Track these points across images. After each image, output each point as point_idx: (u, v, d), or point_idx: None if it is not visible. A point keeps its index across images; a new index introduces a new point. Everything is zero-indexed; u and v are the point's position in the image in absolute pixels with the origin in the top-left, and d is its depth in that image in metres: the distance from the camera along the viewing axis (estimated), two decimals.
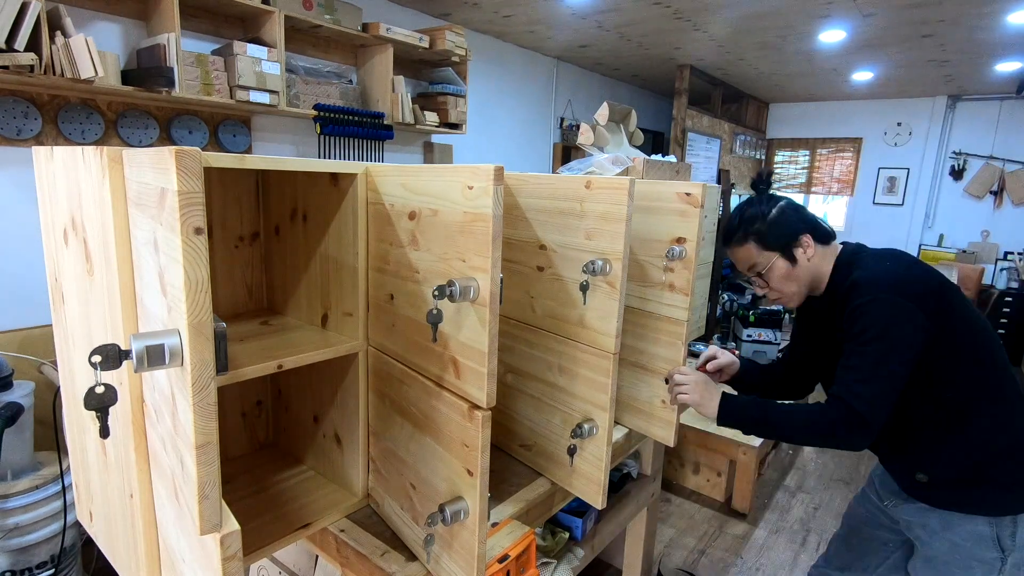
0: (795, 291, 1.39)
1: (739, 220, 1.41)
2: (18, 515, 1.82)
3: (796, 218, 1.36)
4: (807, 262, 1.36)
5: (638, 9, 3.60)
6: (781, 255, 1.36)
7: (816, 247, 1.36)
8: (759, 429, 1.30)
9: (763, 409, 1.29)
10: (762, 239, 1.36)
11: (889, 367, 1.18)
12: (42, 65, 2.01)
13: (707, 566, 2.57)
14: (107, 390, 0.69)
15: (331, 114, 3.11)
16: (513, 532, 1.19)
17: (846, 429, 1.18)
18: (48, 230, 1.08)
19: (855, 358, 1.21)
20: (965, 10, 3.31)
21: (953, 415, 1.24)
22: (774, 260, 1.37)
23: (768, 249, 1.36)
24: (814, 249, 1.36)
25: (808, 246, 1.35)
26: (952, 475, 1.27)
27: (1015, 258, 5.81)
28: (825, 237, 1.38)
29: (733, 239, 1.41)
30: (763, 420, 1.27)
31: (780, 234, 1.36)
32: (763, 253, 1.37)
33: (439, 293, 0.85)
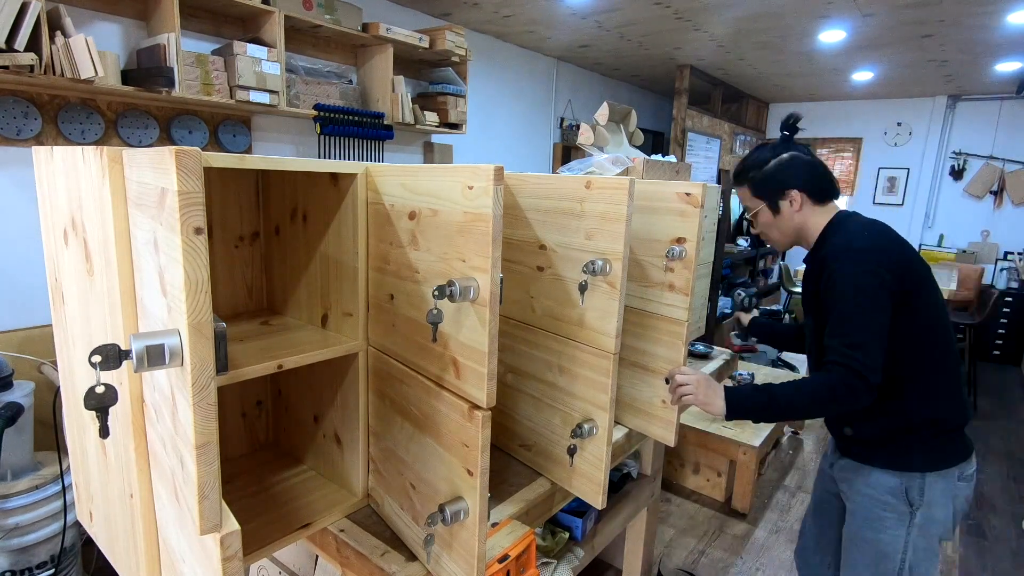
0: (778, 238, 1.50)
1: (743, 163, 1.51)
2: (18, 515, 1.82)
3: (792, 172, 1.42)
4: (792, 215, 1.44)
5: (638, 9, 3.60)
6: (767, 205, 1.46)
7: (807, 204, 1.42)
8: (768, 414, 1.31)
9: (767, 392, 1.30)
10: (754, 186, 1.47)
11: (871, 321, 1.25)
12: (42, 65, 2.01)
13: (707, 566, 2.57)
14: (107, 390, 0.69)
15: (331, 114, 3.11)
16: (513, 532, 1.19)
17: (847, 389, 1.23)
18: (48, 230, 1.08)
19: (839, 323, 1.27)
20: (965, 10, 3.31)
21: (890, 385, 1.30)
22: (760, 207, 1.48)
23: (757, 196, 1.47)
24: (801, 205, 1.42)
25: (795, 200, 1.42)
26: (874, 434, 1.38)
27: (1015, 258, 5.81)
28: (823, 191, 1.43)
29: (736, 180, 1.52)
30: (770, 403, 1.29)
31: (771, 185, 1.44)
32: (752, 199, 1.49)
33: (439, 293, 0.85)
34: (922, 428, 1.34)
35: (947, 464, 1.34)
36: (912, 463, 1.34)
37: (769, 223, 1.48)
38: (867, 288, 1.26)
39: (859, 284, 1.27)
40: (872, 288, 1.26)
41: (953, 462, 1.35)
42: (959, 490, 1.35)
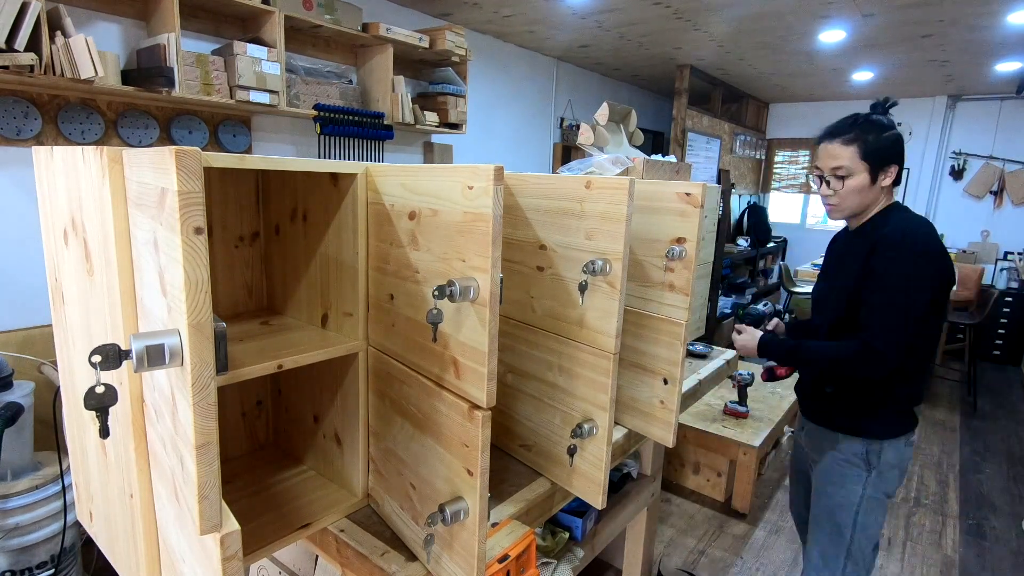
0: (854, 205, 1.51)
1: (857, 121, 1.49)
2: (18, 515, 1.82)
3: (900, 149, 1.49)
4: (879, 188, 1.49)
5: (638, 9, 3.60)
6: (869, 170, 1.47)
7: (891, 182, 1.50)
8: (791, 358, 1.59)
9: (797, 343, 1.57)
10: (867, 149, 1.46)
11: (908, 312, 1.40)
12: (42, 65, 2.01)
13: (707, 566, 2.57)
14: (107, 390, 0.69)
15: (331, 114, 3.11)
16: (513, 532, 1.19)
17: (866, 362, 1.42)
18: (48, 230, 1.08)
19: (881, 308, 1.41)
20: (965, 10, 3.31)
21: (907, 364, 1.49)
22: (862, 170, 1.47)
23: (864, 159, 1.46)
24: (891, 180, 1.49)
25: (891, 176, 1.48)
26: (850, 396, 1.57)
27: (1015, 258, 5.81)
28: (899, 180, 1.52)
29: (841, 135, 1.49)
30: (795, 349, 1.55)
31: (884, 154, 1.46)
32: (857, 161, 1.47)
33: (439, 293, 0.85)
34: (892, 402, 1.53)
35: (902, 433, 1.55)
36: (876, 432, 1.55)
37: (859, 188, 1.48)
38: (913, 291, 1.40)
39: (909, 285, 1.40)
40: (918, 291, 1.40)
41: (905, 431, 1.56)
42: (905, 454, 1.58)
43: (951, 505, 3.14)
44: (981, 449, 3.81)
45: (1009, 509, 3.12)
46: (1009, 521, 3.00)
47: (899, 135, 1.49)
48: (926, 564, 2.63)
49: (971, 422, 4.25)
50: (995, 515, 3.05)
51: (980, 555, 2.71)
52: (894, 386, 1.52)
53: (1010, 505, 3.16)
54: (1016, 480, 3.44)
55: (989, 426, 4.20)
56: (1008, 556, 2.72)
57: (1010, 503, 3.18)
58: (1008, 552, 2.75)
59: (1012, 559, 2.70)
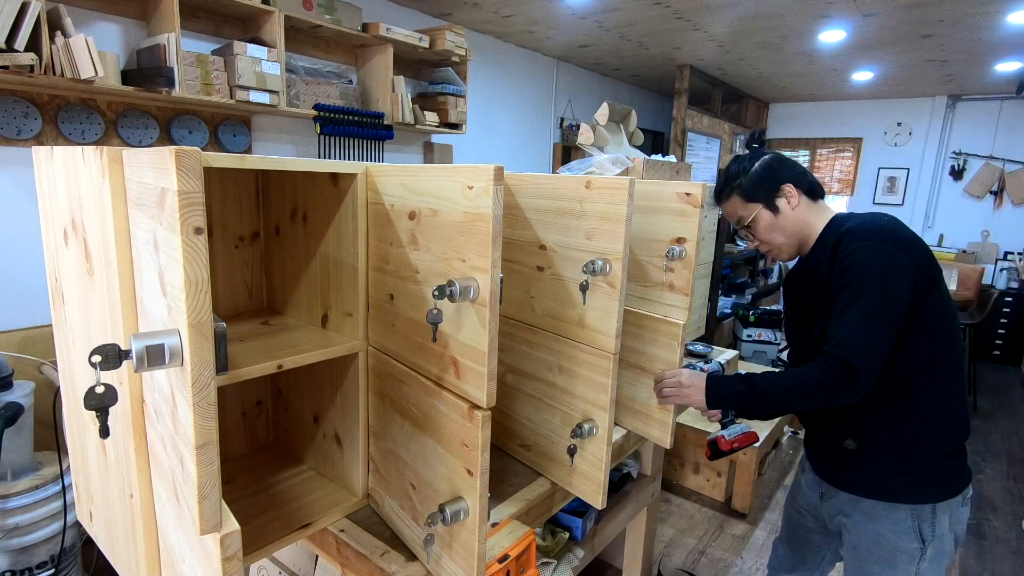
0: (783, 241, 1.39)
1: (725, 177, 1.45)
2: (18, 515, 1.82)
3: (779, 170, 1.38)
4: (791, 211, 1.37)
5: (638, 9, 3.60)
6: (764, 206, 1.38)
7: (802, 198, 1.37)
8: (749, 404, 1.28)
9: (748, 382, 1.26)
10: (744, 192, 1.39)
11: (881, 316, 1.15)
12: (42, 65, 2.00)
13: (707, 566, 2.57)
14: (107, 390, 0.69)
15: (331, 114, 3.11)
16: (513, 532, 1.19)
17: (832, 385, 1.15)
18: (48, 230, 1.08)
19: (846, 311, 1.17)
20: (965, 10, 3.31)
21: (898, 388, 1.23)
22: (757, 211, 1.39)
23: (751, 201, 1.39)
24: (799, 199, 1.36)
25: (791, 195, 1.36)
26: (878, 447, 1.27)
27: (1015, 258, 5.81)
28: (812, 188, 1.38)
29: (721, 196, 1.45)
30: (750, 393, 1.25)
31: (761, 186, 1.38)
32: (747, 205, 1.40)
33: (439, 293, 0.85)
34: (929, 445, 1.24)
35: (956, 491, 1.27)
36: (923, 494, 1.25)
37: (770, 226, 1.38)
38: (882, 274, 1.16)
39: (873, 269, 1.16)
40: (887, 273, 1.16)
41: (960, 487, 1.27)
42: (962, 515, 1.29)
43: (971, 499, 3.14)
44: (981, 449, 3.81)
45: (1009, 509, 3.12)
46: (1009, 521, 3.00)
47: (768, 160, 1.39)
48: None
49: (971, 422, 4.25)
50: (995, 515, 3.05)
51: (980, 555, 2.71)
52: (933, 426, 1.24)
53: (1010, 505, 3.16)
54: (1016, 480, 3.44)
55: (989, 426, 4.20)
56: (1008, 556, 2.72)
57: (1010, 503, 3.18)
58: (1008, 552, 2.75)
59: (1012, 559, 2.70)
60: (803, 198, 1.37)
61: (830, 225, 1.35)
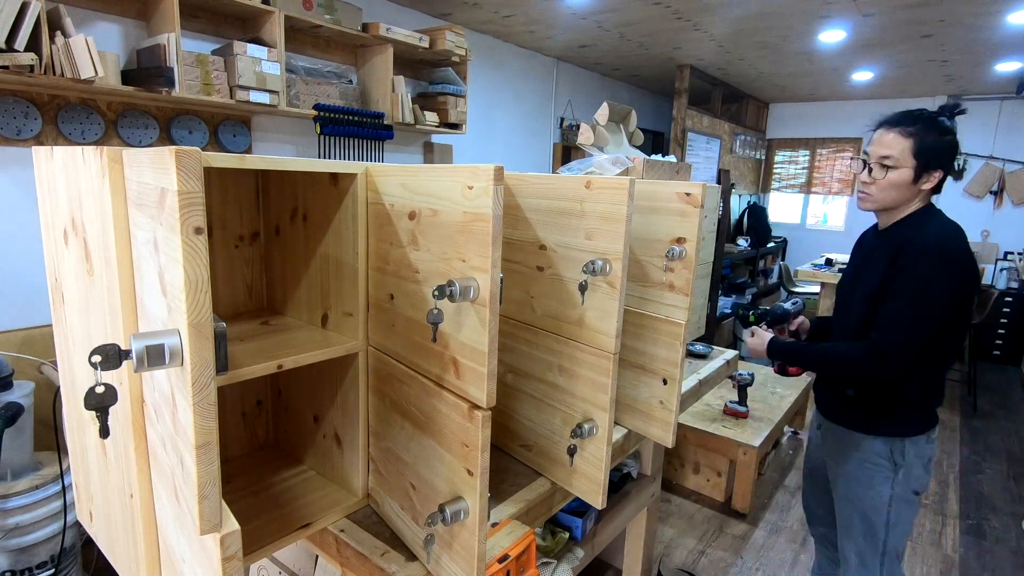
0: (888, 199, 1.48)
1: (920, 115, 1.45)
2: (18, 515, 1.82)
3: (950, 156, 1.44)
4: (919, 189, 1.45)
5: (638, 9, 3.60)
6: (915, 168, 1.42)
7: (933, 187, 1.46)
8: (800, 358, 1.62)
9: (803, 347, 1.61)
10: (920, 146, 1.41)
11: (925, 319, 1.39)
12: (42, 65, 2.01)
13: (707, 566, 2.57)
14: (107, 390, 0.69)
15: (331, 114, 3.11)
16: (513, 532, 1.19)
17: (874, 366, 1.43)
18: (48, 230, 1.08)
19: (899, 309, 1.41)
20: (965, 10, 3.31)
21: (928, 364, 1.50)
22: (908, 167, 1.43)
23: (914, 156, 1.42)
24: (933, 185, 1.45)
25: (933, 180, 1.44)
26: (870, 397, 1.57)
27: (1015, 258, 5.81)
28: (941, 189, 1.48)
29: (901, 125, 1.45)
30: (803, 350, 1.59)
31: (935, 156, 1.42)
32: (907, 155, 1.42)
33: (439, 293, 0.85)
34: (912, 401, 1.54)
35: (921, 431, 1.56)
36: (898, 430, 1.56)
37: (899, 183, 1.45)
38: (936, 299, 1.38)
39: (931, 293, 1.38)
40: (941, 299, 1.38)
41: (924, 428, 1.56)
42: (928, 450, 1.58)
43: (951, 505, 3.14)
44: (981, 449, 3.82)
45: (1009, 509, 3.12)
46: (1009, 521, 3.00)
47: (956, 143, 1.45)
48: (926, 564, 2.63)
49: (971, 422, 4.25)
50: (995, 515, 3.05)
51: (980, 555, 2.71)
52: (913, 386, 1.53)
53: (1010, 505, 3.16)
54: (1016, 480, 3.44)
55: (989, 426, 4.20)
56: (1008, 556, 2.72)
57: (1010, 503, 3.18)
58: (1008, 552, 2.75)
59: (1012, 559, 2.70)
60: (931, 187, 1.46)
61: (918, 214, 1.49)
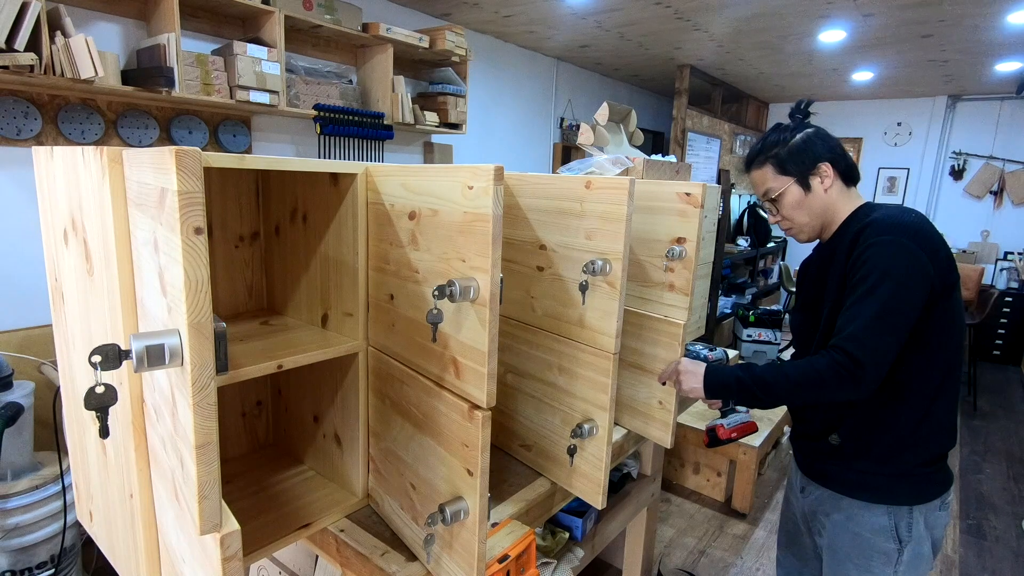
0: (806, 222, 1.34)
1: (762, 144, 1.37)
2: (18, 515, 1.82)
3: (821, 146, 1.31)
4: (823, 193, 1.31)
5: (638, 9, 3.60)
6: (796, 181, 1.32)
7: (836, 180, 1.30)
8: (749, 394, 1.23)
9: (747, 369, 1.23)
10: (779, 163, 1.33)
11: (894, 312, 1.12)
12: (42, 65, 2.00)
13: (707, 566, 2.57)
14: (107, 390, 0.69)
15: (331, 114, 3.11)
16: (513, 532, 1.19)
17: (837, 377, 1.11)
18: (48, 230, 1.08)
19: (858, 304, 1.14)
20: (965, 10, 3.31)
21: (891, 390, 1.21)
22: (788, 186, 1.32)
23: (783, 174, 1.33)
24: (832, 180, 1.30)
25: (826, 176, 1.30)
26: (861, 446, 1.26)
27: (1015, 258, 5.81)
28: (848, 172, 1.32)
29: (753, 163, 1.38)
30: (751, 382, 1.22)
31: (798, 160, 1.31)
32: (778, 178, 1.33)
33: (439, 293, 0.85)
34: (913, 446, 1.23)
35: (935, 495, 1.26)
36: (902, 495, 1.24)
37: (797, 203, 1.33)
38: (899, 272, 1.12)
39: (892, 266, 1.13)
40: (906, 273, 1.12)
41: (939, 492, 1.27)
42: (940, 520, 1.28)
43: (951, 505, 3.14)
44: (981, 449, 3.81)
45: (1009, 509, 3.12)
46: (1009, 521, 3.00)
47: (811, 133, 1.32)
48: None
49: (971, 422, 4.25)
50: (995, 515, 3.05)
51: (980, 555, 2.71)
52: (919, 431, 1.22)
53: (1010, 505, 3.16)
54: (1016, 480, 3.44)
55: (989, 426, 4.20)
56: (1008, 556, 2.72)
57: (1010, 503, 3.18)
58: (1008, 552, 2.75)
59: (1012, 559, 2.69)
60: (837, 180, 1.31)
61: (856, 213, 1.30)
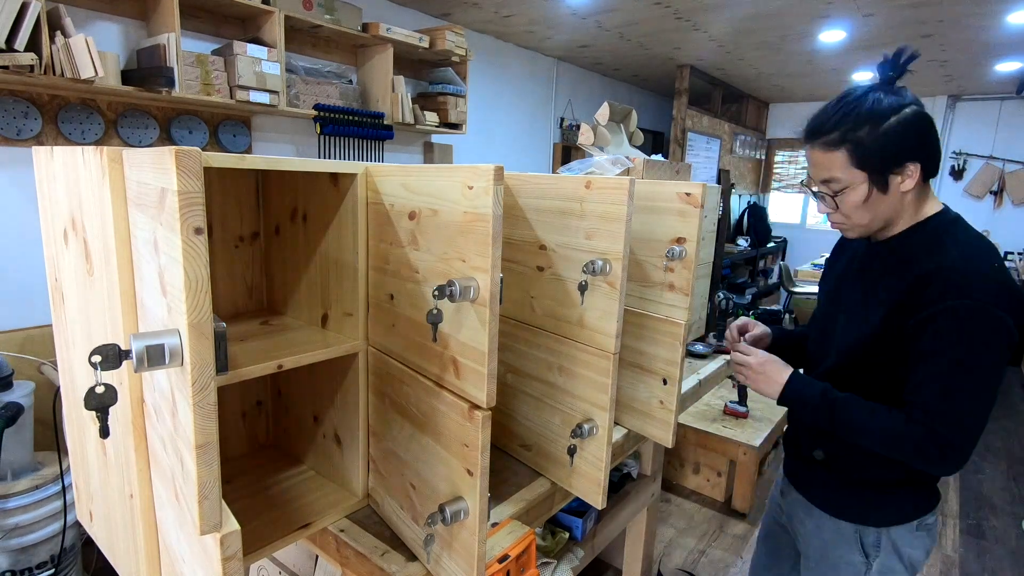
0: (866, 223, 1.10)
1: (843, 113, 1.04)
2: (18, 515, 1.82)
3: (918, 137, 1.03)
4: (899, 194, 1.06)
5: (638, 9, 3.60)
6: (871, 179, 1.05)
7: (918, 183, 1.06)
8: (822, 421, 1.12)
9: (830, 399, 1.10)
10: (861, 152, 1.03)
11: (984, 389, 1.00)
12: (42, 65, 2.00)
13: (707, 566, 2.57)
14: (107, 390, 0.69)
15: (331, 114, 3.11)
16: (513, 532, 1.19)
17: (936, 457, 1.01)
18: (48, 230, 1.08)
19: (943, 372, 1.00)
20: (965, 10, 3.31)
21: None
22: (861, 183, 1.05)
23: (860, 167, 1.04)
24: (915, 182, 1.05)
25: (911, 177, 1.04)
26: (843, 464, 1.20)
27: (1015, 258, 5.81)
28: (934, 171, 1.07)
29: (821, 136, 1.07)
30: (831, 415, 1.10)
31: (889, 153, 1.03)
32: (851, 170, 1.05)
33: (439, 293, 0.85)
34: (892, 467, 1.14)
35: (905, 518, 1.18)
36: (870, 516, 1.18)
37: (860, 204, 1.07)
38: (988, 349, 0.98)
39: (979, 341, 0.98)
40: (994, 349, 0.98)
41: (913, 515, 1.18)
42: (917, 541, 1.19)
43: (951, 505, 3.14)
44: (981, 449, 3.82)
45: (1009, 509, 3.12)
46: (1009, 521, 3.00)
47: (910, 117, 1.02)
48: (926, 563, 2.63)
49: None
50: (995, 515, 3.05)
51: (980, 555, 2.71)
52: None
53: (1010, 505, 3.16)
54: (1016, 480, 3.44)
55: (989, 426, 4.19)
56: (1008, 556, 2.72)
57: (1010, 503, 3.18)
58: (1008, 552, 2.75)
59: (1012, 559, 2.70)
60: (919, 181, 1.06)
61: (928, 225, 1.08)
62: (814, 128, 1.09)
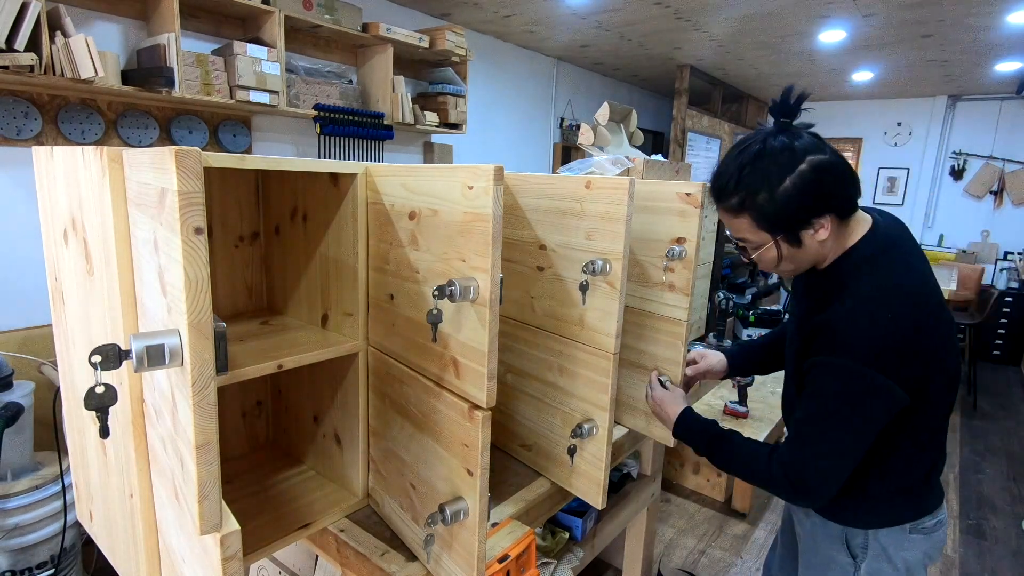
0: (792, 269, 1.12)
1: (738, 176, 1.02)
2: (18, 515, 1.82)
3: (820, 193, 0.99)
4: (816, 244, 1.04)
5: (638, 9, 3.60)
6: (783, 238, 1.04)
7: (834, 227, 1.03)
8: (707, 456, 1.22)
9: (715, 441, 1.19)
10: (763, 217, 1.02)
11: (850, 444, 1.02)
12: (42, 65, 2.00)
13: (707, 566, 2.57)
14: (107, 390, 0.69)
15: (331, 114, 3.11)
16: (513, 532, 1.19)
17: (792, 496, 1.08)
18: (48, 230, 1.08)
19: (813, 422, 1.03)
20: (965, 10, 3.31)
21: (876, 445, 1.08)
22: (770, 242, 1.05)
23: (767, 231, 1.04)
24: (829, 231, 1.02)
25: (824, 228, 1.02)
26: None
27: (1015, 258, 5.81)
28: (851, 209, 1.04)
29: (723, 201, 1.07)
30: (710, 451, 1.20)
31: (789, 215, 1.01)
32: (759, 233, 1.05)
33: (439, 293, 0.85)
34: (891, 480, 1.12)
35: (894, 521, 1.13)
36: (856, 518, 1.15)
37: (781, 257, 1.08)
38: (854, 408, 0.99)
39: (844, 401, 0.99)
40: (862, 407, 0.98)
41: (902, 520, 1.13)
42: (913, 543, 1.13)
43: (951, 505, 3.14)
44: (981, 449, 3.81)
45: (1009, 509, 3.12)
46: (1009, 521, 3.00)
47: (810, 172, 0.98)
48: None
49: (971, 422, 4.25)
50: (995, 515, 3.05)
51: (980, 555, 2.71)
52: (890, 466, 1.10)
53: (1010, 505, 3.16)
54: (1016, 480, 3.44)
55: (989, 426, 4.20)
56: (1008, 556, 2.72)
57: (1010, 503, 3.18)
58: (1008, 552, 2.75)
59: (1012, 559, 2.70)
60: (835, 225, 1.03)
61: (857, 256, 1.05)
62: (716, 191, 1.09)
